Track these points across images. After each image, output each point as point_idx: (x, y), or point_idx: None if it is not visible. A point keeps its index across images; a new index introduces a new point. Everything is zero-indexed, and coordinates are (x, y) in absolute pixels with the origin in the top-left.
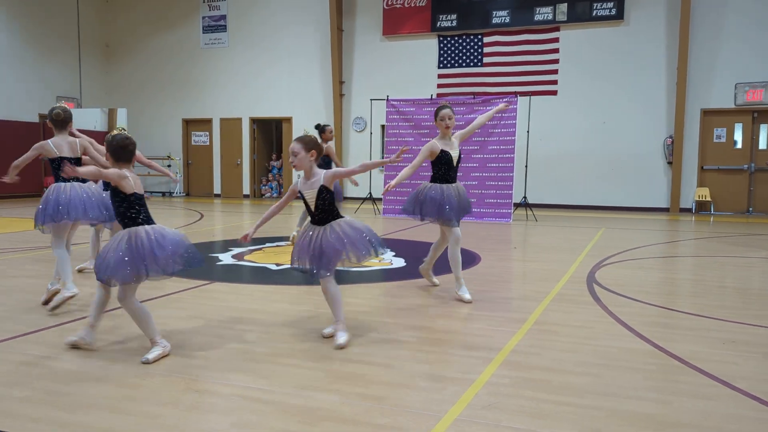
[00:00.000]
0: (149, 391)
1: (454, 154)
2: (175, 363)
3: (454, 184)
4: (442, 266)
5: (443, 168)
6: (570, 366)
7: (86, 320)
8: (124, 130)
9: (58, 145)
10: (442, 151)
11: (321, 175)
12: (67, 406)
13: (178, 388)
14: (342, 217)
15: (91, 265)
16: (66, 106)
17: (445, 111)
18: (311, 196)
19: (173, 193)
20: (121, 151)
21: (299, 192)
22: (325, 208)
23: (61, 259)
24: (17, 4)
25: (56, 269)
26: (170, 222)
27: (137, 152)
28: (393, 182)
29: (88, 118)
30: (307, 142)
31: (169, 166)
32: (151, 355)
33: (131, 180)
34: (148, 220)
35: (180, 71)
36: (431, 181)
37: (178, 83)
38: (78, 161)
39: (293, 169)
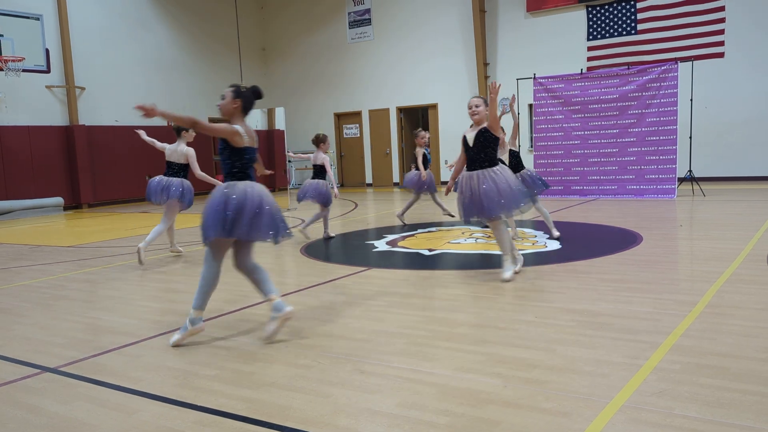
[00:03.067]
0: (319, 371)
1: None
2: (342, 345)
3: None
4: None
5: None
6: (751, 352)
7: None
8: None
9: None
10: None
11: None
12: (252, 384)
13: (346, 369)
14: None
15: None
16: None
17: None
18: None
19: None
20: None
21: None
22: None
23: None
24: (185, 23)
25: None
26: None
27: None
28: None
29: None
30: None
31: None
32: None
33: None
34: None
35: (330, 67)
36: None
37: (329, 79)
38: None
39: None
